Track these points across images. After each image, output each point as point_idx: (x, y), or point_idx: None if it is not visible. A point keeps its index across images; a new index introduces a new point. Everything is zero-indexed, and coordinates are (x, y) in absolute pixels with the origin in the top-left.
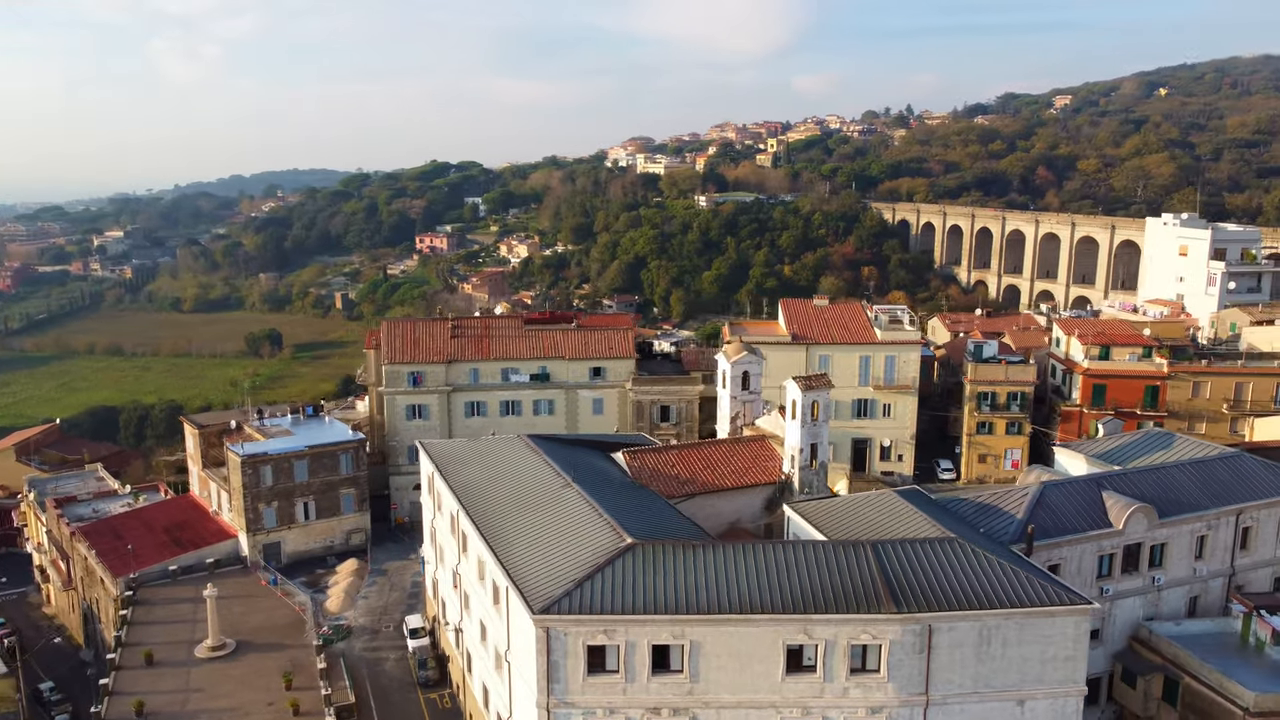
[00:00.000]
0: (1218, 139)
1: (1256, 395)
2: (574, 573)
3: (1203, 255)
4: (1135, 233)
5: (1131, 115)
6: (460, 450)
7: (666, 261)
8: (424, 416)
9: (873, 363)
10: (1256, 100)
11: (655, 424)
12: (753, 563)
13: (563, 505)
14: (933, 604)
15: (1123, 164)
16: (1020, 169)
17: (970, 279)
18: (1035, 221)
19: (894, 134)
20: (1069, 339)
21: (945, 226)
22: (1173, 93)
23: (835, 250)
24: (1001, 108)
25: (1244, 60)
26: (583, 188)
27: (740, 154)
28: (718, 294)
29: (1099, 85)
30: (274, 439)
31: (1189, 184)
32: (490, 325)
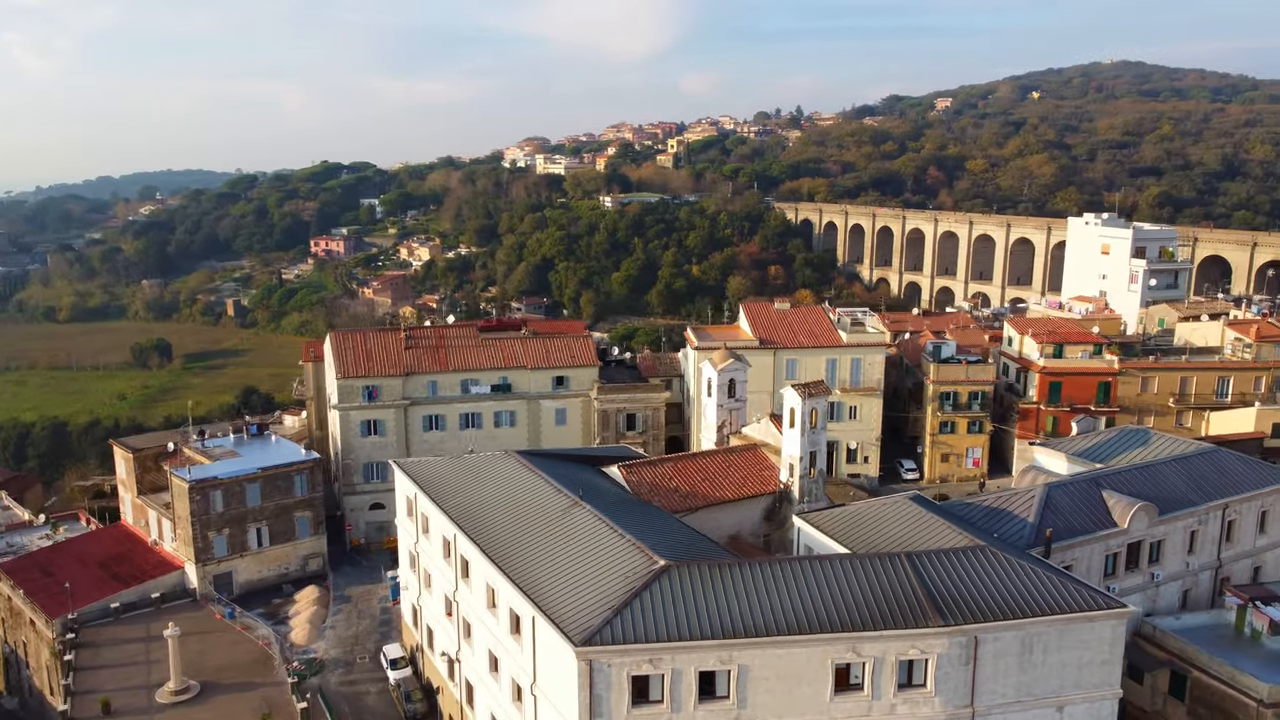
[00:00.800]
0: (1091, 140)
1: (1199, 389)
2: (608, 599)
3: (1125, 254)
4: (1030, 231)
5: (1010, 117)
6: (444, 470)
7: (575, 263)
8: (379, 432)
9: (839, 365)
10: (1123, 104)
11: (621, 433)
12: (791, 580)
13: (576, 526)
14: (976, 615)
15: (1007, 164)
16: (913, 169)
17: (873, 276)
18: (934, 220)
19: (789, 135)
20: (1022, 338)
21: (847, 226)
22: (1045, 96)
23: (742, 250)
24: (887, 109)
25: (1105, 66)
26: (484, 189)
27: (641, 155)
28: (628, 295)
29: (976, 88)
30: (221, 461)
31: (1069, 183)
32: (444, 335)
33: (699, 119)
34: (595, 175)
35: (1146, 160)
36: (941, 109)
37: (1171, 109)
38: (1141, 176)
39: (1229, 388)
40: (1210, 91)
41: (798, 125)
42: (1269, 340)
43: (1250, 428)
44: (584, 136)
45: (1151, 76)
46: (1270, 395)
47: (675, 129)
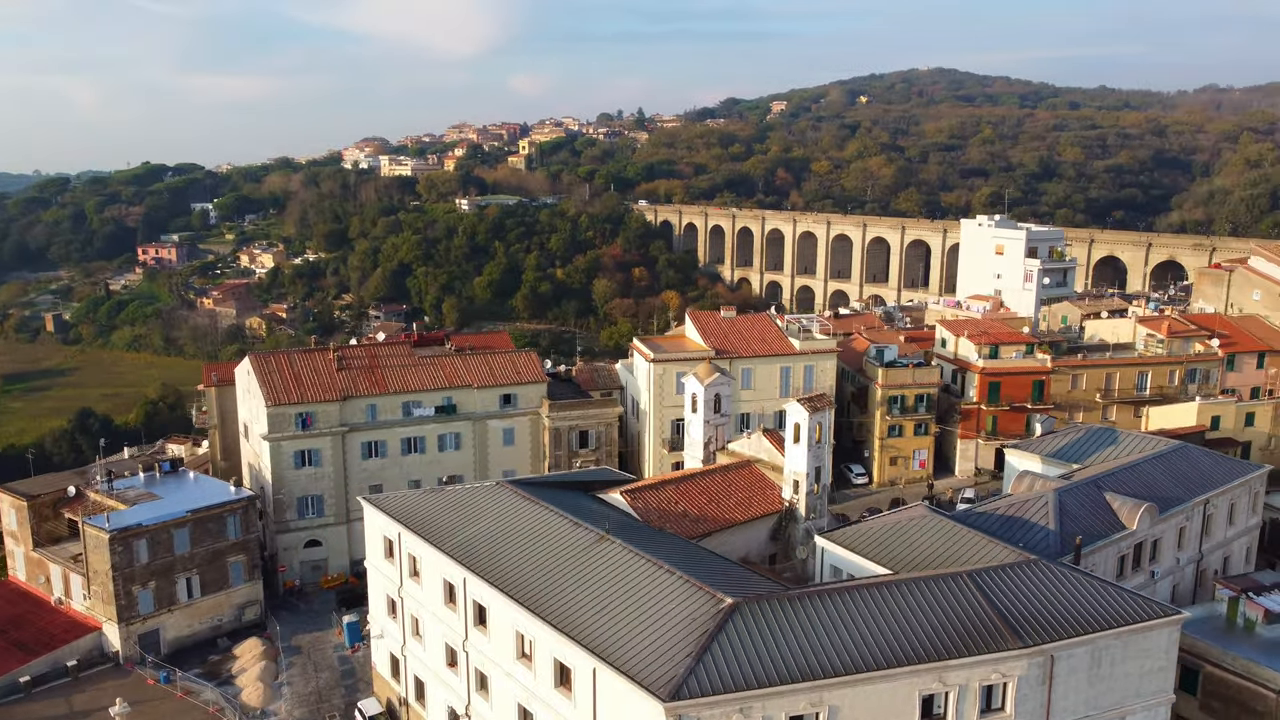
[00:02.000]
0: (922, 143)
1: (1122, 384)
2: (680, 645)
3: (1019, 254)
4: (885, 230)
5: (845, 121)
6: (429, 505)
7: (434, 268)
8: (315, 463)
9: (793, 373)
10: (944, 108)
11: (573, 451)
12: (862, 609)
13: (611, 563)
14: (1050, 633)
15: (849, 166)
16: (762, 171)
17: (734, 276)
18: (793, 221)
19: (637, 136)
20: (957, 339)
21: (707, 227)
22: (872, 101)
23: (605, 252)
24: (725, 112)
25: (922, 72)
26: (330, 191)
27: (491, 156)
28: (491, 300)
29: (807, 92)
30: (139, 505)
31: (908, 184)
32: (377, 354)
33: (541, 120)
34: (450, 177)
35: (973, 162)
36: (777, 111)
37: (988, 114)
38: (971, 177)
39: (1148, 382)
40: (1018, 98)
41: (643, 127)
42: (1179, 336)
43: (1192, 422)
44: (426, 137)
45: (965, 83)
46: (1182, 388)
47: (519, 130)
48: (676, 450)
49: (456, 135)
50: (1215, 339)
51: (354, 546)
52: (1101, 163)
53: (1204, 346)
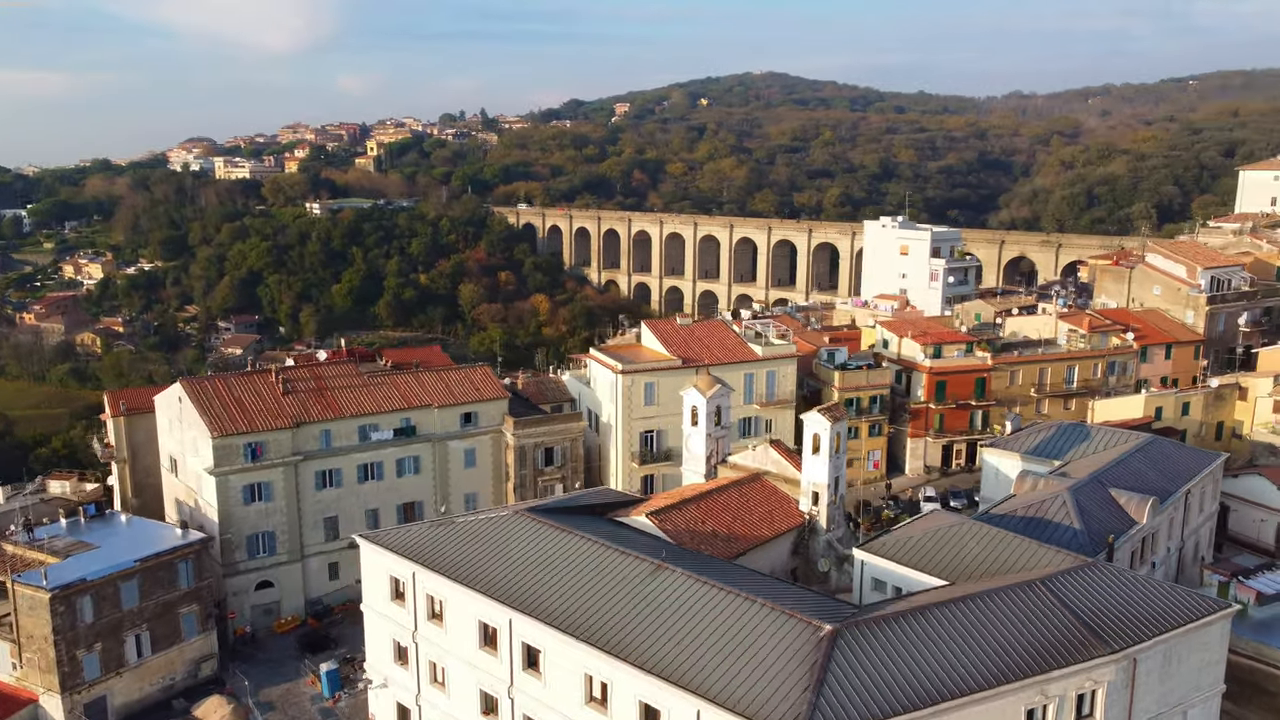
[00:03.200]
0: (768, 145)
1: (1053, 379)
2: (792, 678)
3: (924, 254)
4: (752, 231)
5: (690, 123)
6: (441, 539)
7: (287, 275)
8: (266, 497)
9: (756, 380)
10: (783, 111)
11: (539, 469)
12: (953, 626)
13: (678, 593)
14: (1130, 635)
15: (702, 167)
16: (618, 172)
17: (601, 278)
18: (660, 222)
19: (486, 138)
20: (901, 340)
21: (572, 229)
22: (713, 103)
23: (469, 256)
24: (570, 113)
25: (756, 76)
26: (165, 196)
27: (336, 157)
28: (352, 308)
29: (650, 94)
30: (75, 557)
31: (760, 185)
32: (322, 375)
33: (382, 120)
34: (297, 180)
35: (818, 163)
36: (622, 113)
37: (824, 117)
38: (818, 178)
39: (1075, 376)
40: (849, 102)
41: (492, 128)
42: (1099, 330)
43: (1138, 414)
44: (259, 138)
45: (797, 87)
46: (1104, 380)
47: (359, 131)
48: (647, 464)
49: (292, 136)
50: (1129, 332)
51: (309, 585)
52: (934, 164)
53: (1120, 340)
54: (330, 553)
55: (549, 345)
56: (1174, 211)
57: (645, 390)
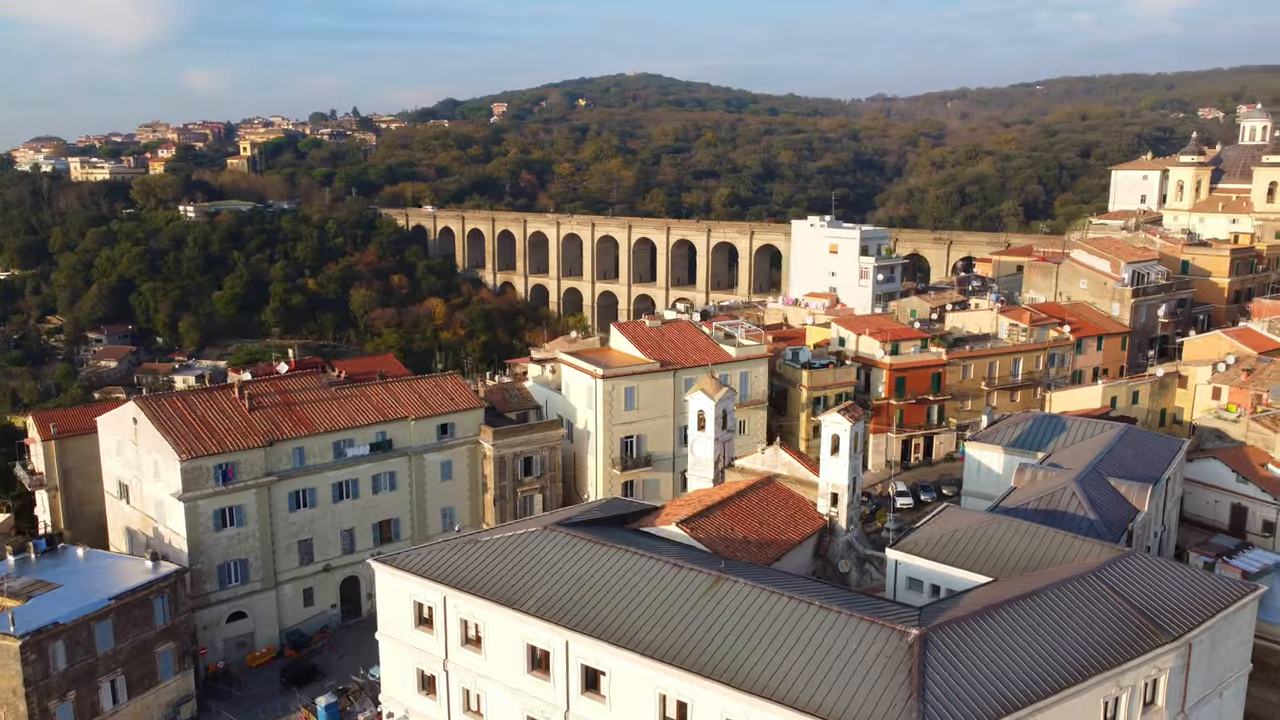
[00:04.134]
0: (652, 145)
1: (1001, 372)
2: (891, 687)
3: (853, 252)
4: (651, 231)
5: (572, 123)
6: (467, 561)
7: (163, 283)
8: (238, 522)
9: (730, 381)
10: (661, 112)
11: (519, 480)
12: (1027, 624)
13: (746, 605)
14: (1184, 622)
15: (589, 168)
16: (506, 173)
17: (497, 281)
18: (557, 223)
19: (365, 138)
20: (858, 338)
21: (465, 231)
22: (590, 104)
23: (358, 260)
24: (447, 113)
25: (631, 77)
26: (18, 199)
27: (207, 158)
28: (236, 315)
29: (527, 94)
30: (39, 598)
31: (649, 186)
32: (287, 388)
33: (248, 119)
34: (169, 182)
35: (702, 164)
36: (500, 113)
37: (702, 118)
38: (704, 178)
39: (1020, 369)
40: (724, 103)
41: (370, 128)
42: (1039, 324)
43: (1097, 403)
44: (116, 137)
45: (671, 88)
46: (1045, 373)
47: (224, 130)
48: (629, 470)
49: (152, 135)
50: (1065, 325)
51: (283, 613)
52: (813, 164)
53: (1058, 333)
54: (305, 578)
55: (448, 350)
56: (1039, 209)
57: (625, 395)
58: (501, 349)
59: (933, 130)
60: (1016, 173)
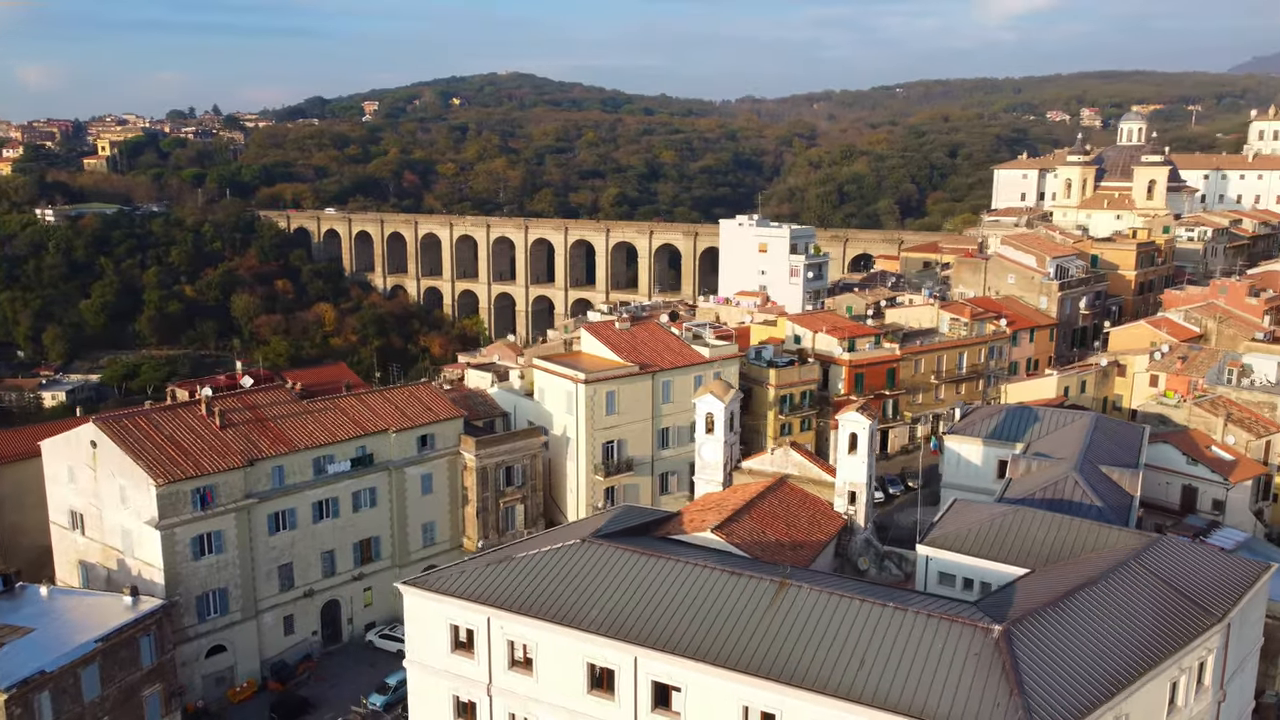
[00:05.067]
0: (534, 145)
1: (947, 365)
2: (989, 686)
3: (783, 251)
4: (548, 232)
5: (451, 122)
6: (510, 578)
7: (23, 292)
8: (217, 549)
9: (705, 382)
10: (539, 112)
11: (500, 490)
12: (1092, 612)
13: (817, 611)
14: (1222, 602)
15: (474, 168)
16: (388, 173)
17: (387, 284)
18: (450, 225)
19: (233, 136)
20: (814, 335)
21: (351, 233)
22: (465, 103)
23: (239, 264)
24: (315, 111)
25: (503, 76)
26: None
27: (60, 157)
28: (107, 326)
29: (399, 93)
30: (11, 643)
31: (537, 186)
32: (256, 403)
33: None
34: (21, 183)
35: (587, 164)
36: (371, 111)
37: (582, 118)
38: (590, 178)
39: (965, 362)
40: (600, 104)
41: (236, 126)
42: (979, 319)
43: (1053, 393)
44: None
45: (546, 88)
46: (986, 365)
47: (71, 128)
48: (611, 475)
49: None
50: (1002, 319)
51: (264, 644)
52: (695, 164)
53: (995, 326)
54: (285, 605)
55: (340, 356)
56: (913, 207)
57: (606, 399)
58: (396, 354)
59: (805, 131)
60: (891, 172)
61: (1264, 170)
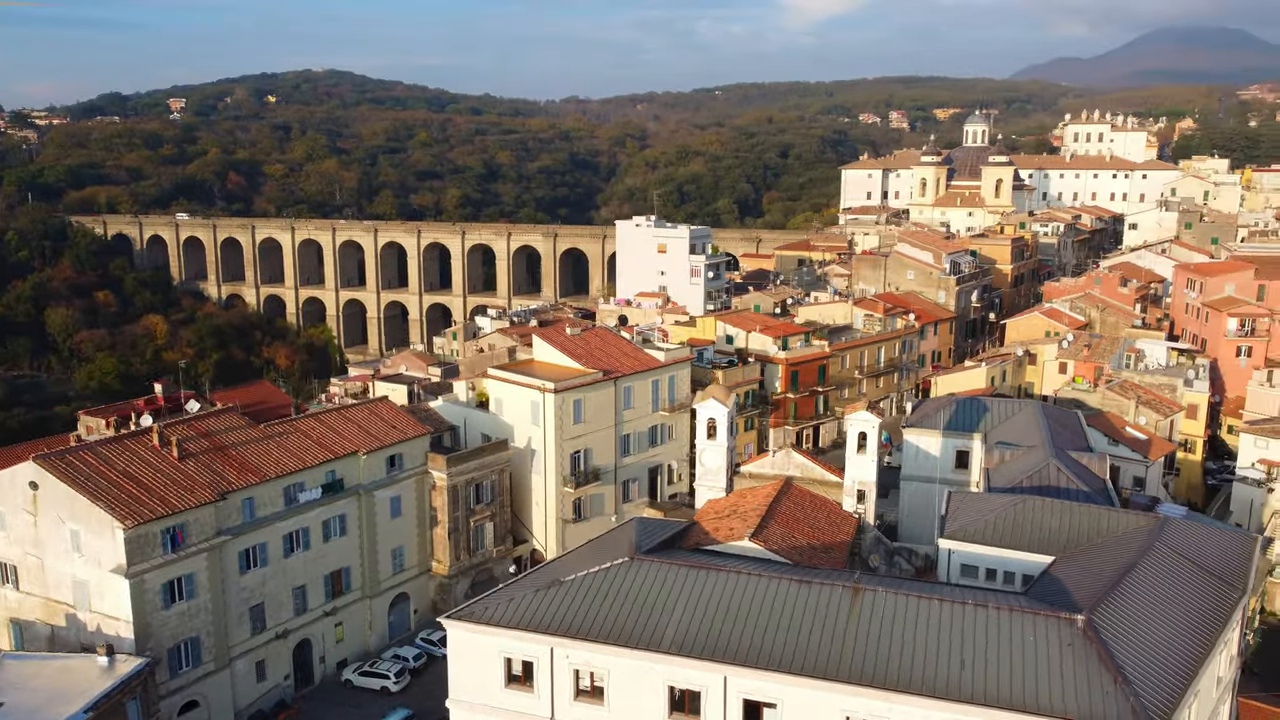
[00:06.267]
0: (366, 145)
1: (869, 361)
2: (1089, 675)
3: (683, 251)
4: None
5: (272, 121)
6: (567, 604)
7: None
8: (189, 594)
9: (661, 386)
10: (364, 111)
11: (470, 509)
12: (1141, 595)
13: (893, 614)
14: (1240, 577)
15: (303, 169)
16: (211, 174)
17: (223, 293)
18: (292, 229)
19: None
20: (748, 334)
21: (179, 239)
22: (281, 101)
23: (51, 275)
24: (114, 108)
25: (319, 74)
26: None
27: None
28: None
29: (208, 89)
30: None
31: (374, 187)
32: (208, 429)
33: None
34: None
35: (422, 165)
36: (178, 109)
37: (409, 117)
38: (428, 179)
39: (883, 356)
40: (425, 103)
41: (26, 124)
42: (891, 314)
43: (982, 384)
44: None
45: (366, 86)
46: (900, 358)
47: None
48: (582, 486)
49: None
50: (911, 314)
51: (237, 694)
52: (533, 164)
53: (905, 321)
54: (257, 649)
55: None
56: (750, 206)
57: (574, 408)
58: (238, 367)
59: (636, 132)
60: (727, 172)
61: (1080, 170)
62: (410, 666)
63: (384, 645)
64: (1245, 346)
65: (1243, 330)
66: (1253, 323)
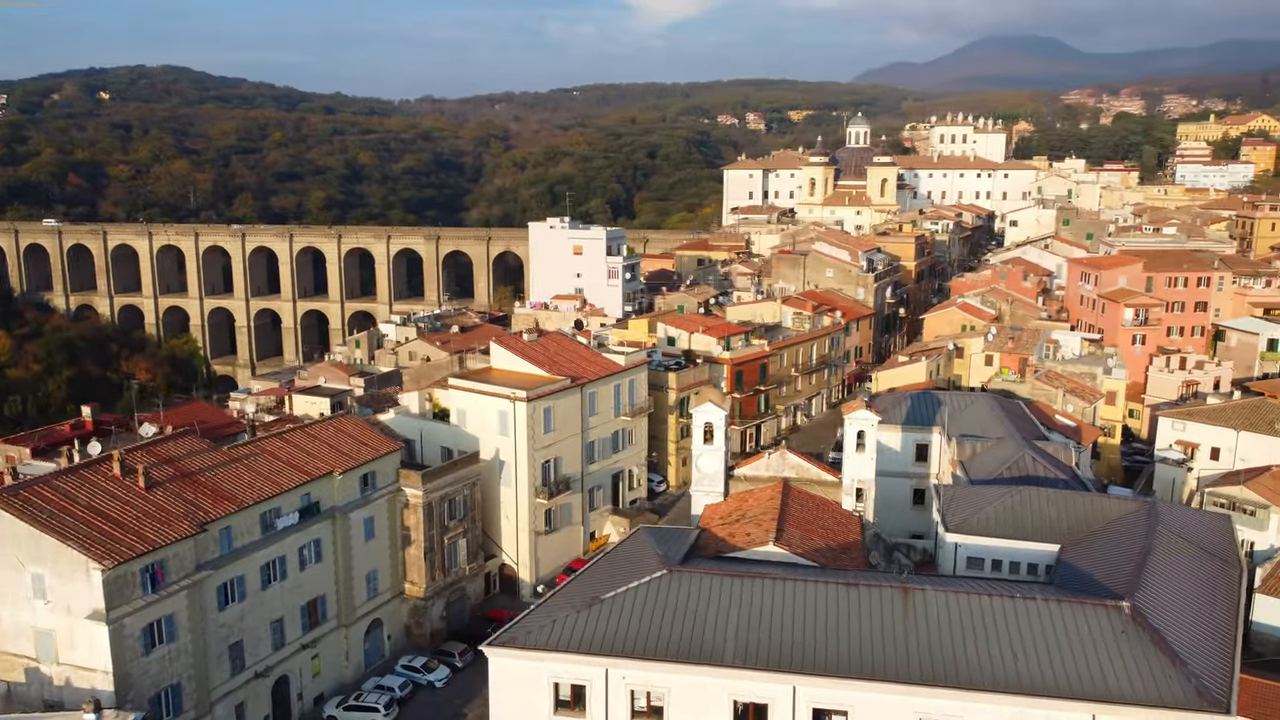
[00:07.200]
0: (217, 145)
1: (803, 359)
2: (1149, 662)
3: (600, 253)
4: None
5: (107, 119)
6: (612, 625)
7: None
8: (169, 637)
9: (622, 391)
10: (210, 110)
11: (445, 526)
12: (1167, 579)
13: (948, 612)
14: (1234, 555)
15: (151, 170)
16: (47, 175)
17: (71, 304)
18: (149, 234)
19: None
20: (690, 335)
21: (18, 246)
22: (116, 98)
23: None
24: None
25: (154, 70)
26: None
27: None
28: None
29: (31, 85)
30: None
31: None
32: (170, 455)
33: None
34: None
35: (279, 165)
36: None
37: (260, 116)
38: (288, 181)
39: (815, 353)
40: (274, 101)
41: None
42: (819, 312)
43: (923, 378)
44: None
45: (207, 83)
46: (830, 355)
47: None
48: (555, 496)
49: None
50: (837, 311)
51: None
52: (396, 165)
53: (832, 319)
54: (236, 690)
55: (23, 389)
56: (621, 207)
57: (545, 416)
58: (94, 384)
59: (499, 132)
60: (598, 173)
61: (948, 169)
62: (398, 696)
63: (360, 675)
64: (1140, 335)
65: (1138, 320)
66: (1146, 312)
